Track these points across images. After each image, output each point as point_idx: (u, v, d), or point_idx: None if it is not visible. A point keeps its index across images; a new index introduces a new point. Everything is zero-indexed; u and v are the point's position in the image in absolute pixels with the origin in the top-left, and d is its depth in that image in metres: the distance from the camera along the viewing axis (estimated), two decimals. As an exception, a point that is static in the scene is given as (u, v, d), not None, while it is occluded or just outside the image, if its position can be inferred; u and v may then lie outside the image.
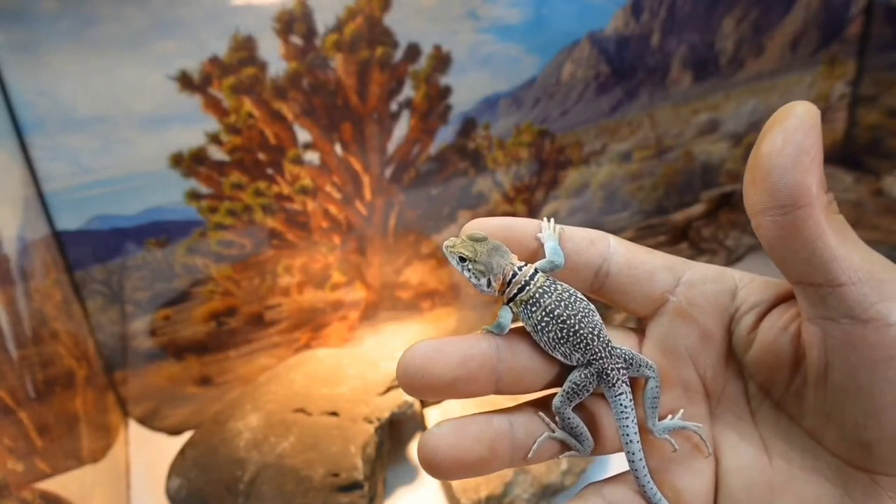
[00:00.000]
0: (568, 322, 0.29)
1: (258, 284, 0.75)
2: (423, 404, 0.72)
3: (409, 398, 0.68)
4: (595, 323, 0.30)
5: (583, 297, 0.30)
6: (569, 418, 0.29)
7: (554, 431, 0.30)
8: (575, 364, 0.30)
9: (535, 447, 0.29)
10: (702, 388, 0.31)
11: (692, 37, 0.83)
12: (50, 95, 0.60)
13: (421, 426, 0.73)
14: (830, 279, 0.25)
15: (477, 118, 0.76)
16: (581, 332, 0.29)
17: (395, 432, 0.70)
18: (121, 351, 0.72)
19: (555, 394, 0.30)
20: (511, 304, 0.30)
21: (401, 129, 0.73)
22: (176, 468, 0.65)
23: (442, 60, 0.72)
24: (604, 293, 0.31)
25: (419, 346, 0.28)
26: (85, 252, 0.67)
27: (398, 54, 0.70)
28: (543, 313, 0.29)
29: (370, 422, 0.65)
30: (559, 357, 0.30)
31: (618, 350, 0.30)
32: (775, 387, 0.29)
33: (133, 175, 0.65)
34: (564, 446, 0.30)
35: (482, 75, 0.74)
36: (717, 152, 0.92)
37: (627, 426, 0.30)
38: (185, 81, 0.64)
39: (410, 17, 0.69)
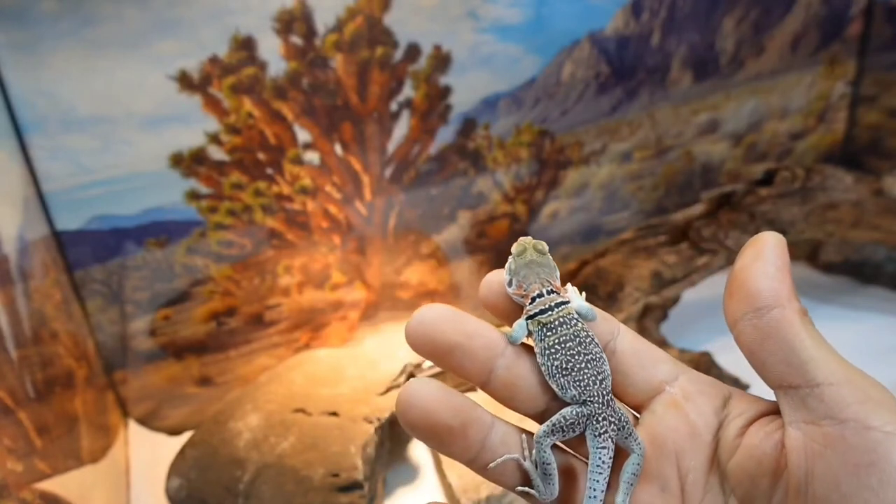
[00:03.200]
0: (576, 357, 0.29)
1: (258, 284, 0.75)
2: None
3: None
4: (602, 370, 0.30)
5: (601, 347, 0.30)
6: (545, 452, 0.29)
7: (525, 459, 0.29)
8: (568, 401, 0.30)
9: (500, 459, 0.29)
10: (679, 493, 0.29)
11: (692, 37, 0.84)
12: (50, 95, 0.60)
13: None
14: (808, 379, 0.26)
15: (477, 118, 0.76)
16: (585, 370, 0.29)
17: (395, 432, 0.70)
18: (121, 351, 0.72)
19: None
20: (529, 322, 0.30)
21: (401, 129, 0.73)
22: (176, 468, 0.65)
23: (442, 60, 0.72)
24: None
25: (440, 306, 0.29)
26: (85, 252, 0.67)
27: (398, 54, 0.70)
28: (556, 339, 0.29)
29: (370, 422, 0.65)
30: (555, 388, 0.29)
31: (616, 405, 0.30)
32: (756, 503, 0.28)
33: (133, 175, 0.65)
34: (526, 480, 0.30)
35: (482, 75, 0.74)
36: (717, 152, 0.92)
37: (597, 481, 0.29)
38: (185, 81, 0.64)
39: (410, 17, 0.69)
